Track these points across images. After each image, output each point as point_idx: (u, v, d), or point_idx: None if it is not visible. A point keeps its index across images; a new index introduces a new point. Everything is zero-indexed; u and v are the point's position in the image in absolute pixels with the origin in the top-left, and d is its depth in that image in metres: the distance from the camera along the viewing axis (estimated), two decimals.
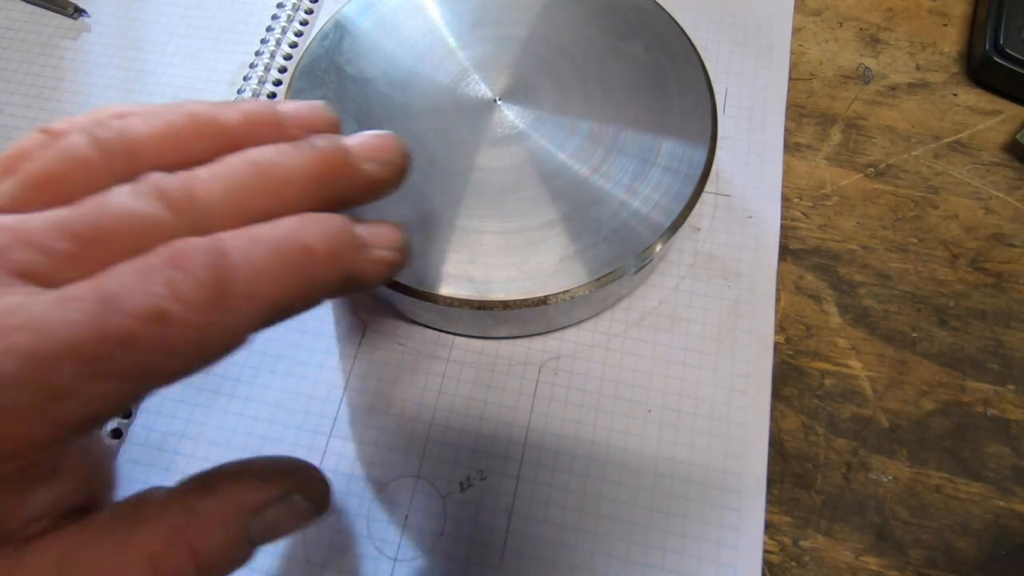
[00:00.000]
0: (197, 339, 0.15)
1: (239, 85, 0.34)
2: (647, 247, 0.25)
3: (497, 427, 0.26)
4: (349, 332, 0.28)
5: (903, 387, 0.27)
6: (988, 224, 0.29)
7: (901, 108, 0.32)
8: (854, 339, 0.28)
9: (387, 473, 0.26)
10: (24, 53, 0.36)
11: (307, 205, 0.18)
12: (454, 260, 0.25)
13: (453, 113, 0.28)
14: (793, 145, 0.32)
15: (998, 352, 0.27)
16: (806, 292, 0.29)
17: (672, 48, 0.29)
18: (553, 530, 0.25)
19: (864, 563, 0.24)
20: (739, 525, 0.24)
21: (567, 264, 0.24)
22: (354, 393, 0.27)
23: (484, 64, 0.29)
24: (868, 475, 0.25)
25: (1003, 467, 0.25)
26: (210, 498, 0.17)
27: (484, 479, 0.25)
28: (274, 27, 0.36)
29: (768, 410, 0.26)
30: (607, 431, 0.26)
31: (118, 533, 0.16)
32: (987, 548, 0.24)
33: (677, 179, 0.26)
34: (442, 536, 0.25)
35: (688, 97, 0.27)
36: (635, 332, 0.28)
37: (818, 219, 0.30)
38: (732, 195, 0.30)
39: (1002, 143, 0.31)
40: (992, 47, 0.32)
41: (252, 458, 0.19)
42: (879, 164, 0.31)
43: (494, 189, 0.26)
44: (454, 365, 0.27)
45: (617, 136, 0.27)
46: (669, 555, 0.24)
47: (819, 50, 0.34)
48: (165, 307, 0.14)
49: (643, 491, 0.25)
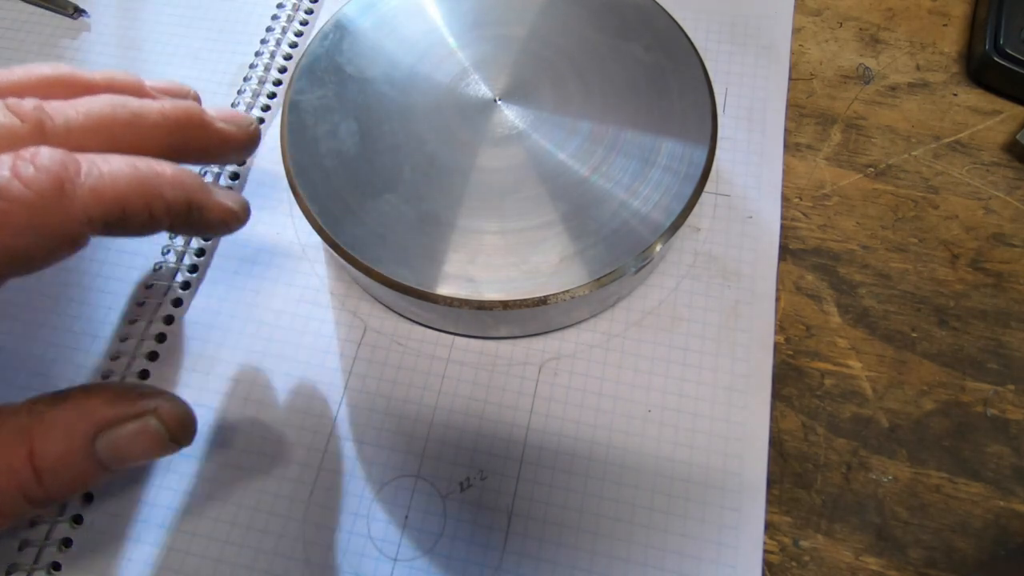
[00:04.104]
0: (35, 219, 0.16)
1: (239, 85, 0.34)
2: (647, 247, 0.25)
3: (497, 427, 0.26)
4: (349, 332, 0.28)
5: (903, 387, 0.27)
6: (988, 224, 0.29)
7: (901, 108, 0.32)
8: (854, 339, 0.28)
9: (387, 473, 0.26)
10: (24, 53, 0.36)
11: (162, 146, 0.20)
12: (454, 260, 0.25)
13: (453, 113, 0.28)
14: (793, 145, 0.32)
15: (998, 352, 0.27)
16: (806, 292, 0.29)
17: (672, 48, 0.29)
18: (553, 530, 0.25)
19: (864, 563, 0.24)
20: (739, 525, 0.24)
21: (567, 264, 0.24)
22: (354, 393, 0.27)
23: (484, 64, 0.29)
24: (868, 475, 0.25)
25: (1003, 467, 0.25)
26: (60, 407, 0.18)
27: (484, 479, 0.25)
28: (274, 27, 0.36)
29: (768, 410, 0.26)
30: (607, 431, 0.26)
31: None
32: (987, 548, 0.24)
33: (677, 179, 0.26)
34: (442, 536, 0.25)
35: (688, 97, 0.27)
36: (635, 332, 0.28)
37: (818, 219, 0.30)
38: (732, 195, 0.30)
39: (1002, 143, 0.31)
40: (992, 47, 0.32)
41: (115, 381, 0.20)
42: (879, 164, 0.31)
43: (494, 189, 0.26)
44: (454, 365, 0.27)
45: (617, 136, 0.27)
46: (669, 555, 0.24)
47: (819, 50, 0.34)
48: (5, 184, 0.16)
49: (643, 491, 0.25)
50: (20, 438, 0.17)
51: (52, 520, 0.25)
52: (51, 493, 0.17)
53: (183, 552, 0.24)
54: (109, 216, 0.17)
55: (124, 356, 0.28)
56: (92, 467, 0.18)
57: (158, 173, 0.19)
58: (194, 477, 0.26)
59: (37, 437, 0.17)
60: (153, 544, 0.25)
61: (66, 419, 0.18)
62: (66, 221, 0.17)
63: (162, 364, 0.28)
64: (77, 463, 0.18)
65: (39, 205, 0.16)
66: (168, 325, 0.28)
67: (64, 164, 0.17)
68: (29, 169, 0.16)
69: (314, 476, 0.26)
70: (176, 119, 0.21)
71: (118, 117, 0.19)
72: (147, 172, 0.18)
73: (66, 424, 0.18)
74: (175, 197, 0.19)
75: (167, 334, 0.28)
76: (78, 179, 0.17)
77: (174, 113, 0.21)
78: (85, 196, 0.17)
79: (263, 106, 0.33)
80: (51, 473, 0.17)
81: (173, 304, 0.29)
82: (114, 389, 0.19)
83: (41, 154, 0.17)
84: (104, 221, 0.17)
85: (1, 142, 0.17)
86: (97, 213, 0.17)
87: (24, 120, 0.18)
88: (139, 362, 0.27)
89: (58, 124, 0.18)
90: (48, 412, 0.18)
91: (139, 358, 0.28)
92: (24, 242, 0.16)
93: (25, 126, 0.18)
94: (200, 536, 0.25)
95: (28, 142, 0.17)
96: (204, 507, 0.25)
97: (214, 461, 0.26)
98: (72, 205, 0.17)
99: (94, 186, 0.17)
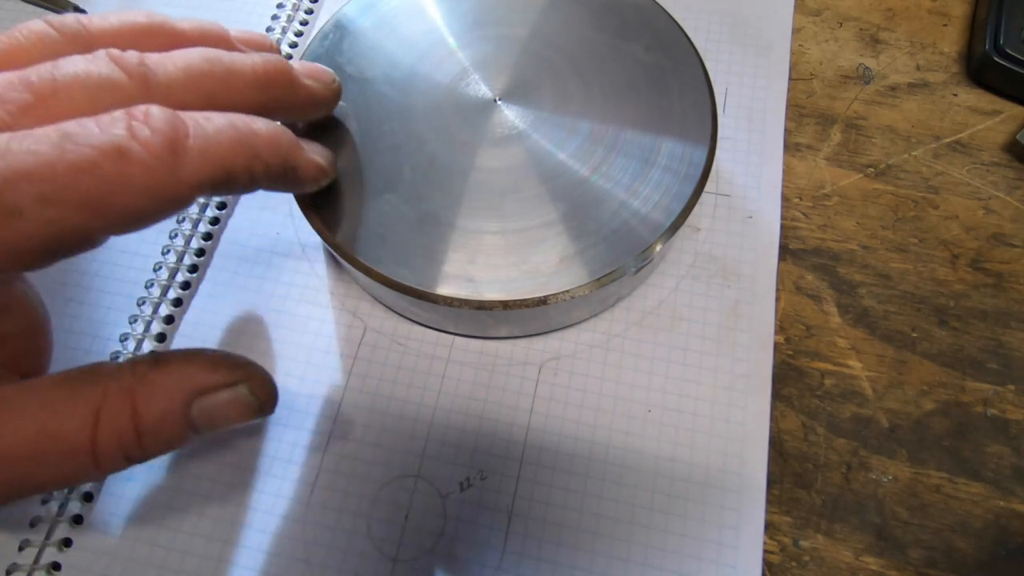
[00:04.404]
0: (151, 182, 0.16)
1: None
2: (647, 247, 0.25)
3: (497, 427, 0.26)
4: (349, 332, 0.28)
5: (903, 387, 0.27)
6: (988, 224, 0.29)
7: (901, 108, 0.32)
8: (854, 339, 0.28)
9: (387, 473, 0.26)
10: None
11: (254, 103, 0.20)
12: (454, 260, 0.25)
13: (453, 113, 0.28)
14: (793, 145, 0.32)
15: (998, 352, 0.27)
16: (806, 292, 0.29)
17: (672, 48, 0.29)
18: (553, 530, 0.25)
19: (864, 563, 0.24)
20: (739, 525, 0.24)
21: (567, 264, 0.24)
22: (354, 393, 0.27)
23: (484, 64, 0.29)
24: (868, 475, 0.25)
25: (1003, 467, 0.25)
26: (162, 369, 0.18)
27: (484, 479, 0.25)
28: (274, 27, 0.36)
29: (768, 410, 0.26)
30: (607, 431, 0.26)
31: (63, 389, 0.17)
32: (987, 548, 0.24)
33: (677, 179, 0.26)
34: (442, 536, 0.25)
35: (688, 97, 0.27)
36: (635, 332, 0.28)
37: (818, 219, 0.30)
38: (732, 195, 0.30)
39: (1002, 143, 0.31)
40: (992, 47, 0.32)
41: (206, 348, 0.20)
42: (879, 164, 0.31)
43: (494, 189, 0.26)
44: (454, 365, 0.27)
45: (617, 136, 0.27)
46: (669, 555, 0.24)
47: (819, 50, 0.34)
48: (125, 145, 0.15)
49: (643, 491, 0.25)
50: (125, 397, 0.17)
51: (52, 520, 0.25)
52: (147, 453, 0.18)
53: (184, 552, 0.24)
54: (216, 179, 0.17)
55: (124, 356, 0.28)
56: (185, 430, 0.18)
57: (255, 132, 0.18)
58: (195, 477, 0.26)
59: (141, 399, 0.17)
60: (154, 544, 0.25)
61: (167, 382, 0.18)
62: (178, 184, 0.17)
63: None
64: (174, 425, 0.18)
65: (155, 167, 0.16)
66: (168, 325, 0.28)
67: (174, 126, 0.16)
68: (144, 131, 0.16)
69: (314, 476, 0.26)
70: (267, 75, 0.20)
71: (214, 73, 0.19)
72: (246, 132, 0.18)
73: (166, 387, 0.18)
74: (272, 157, 0.19)
75: (167, 334, 0.28)
76: (187, 141, 0.17)
77: (264, 69, 0.20)
78: (195, 159, 0.17)
79: None
80: (150, 434, 0.17)
81: (173, 304, 0.29)
82: (210, 356, 0.19)
83: (153, 115, 0.16)
84: (212, 183, 0.17)
85: (107, 96, 0.17)
86: (206, 176, 0.17)
87: (130, 76, 0.17)
88: None
89: (160, 80, 0.18)
90: (149, 373, 0.18)
91: None
92: (140, 203, 0.16)
93: (132, 82, 0.17)
94: (201, 536, 0.25)
95: (134, 98, 0.17)
96: (205, 507, 0.25)
97: (215, 461, 0.26)
98: (183, 168, 0.16)
99: (202, 149, 0.17)
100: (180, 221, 0.30)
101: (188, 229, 0.30)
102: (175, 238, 0.30)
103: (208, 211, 0.31)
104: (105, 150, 0.15)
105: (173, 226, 0.30)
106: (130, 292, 0.29)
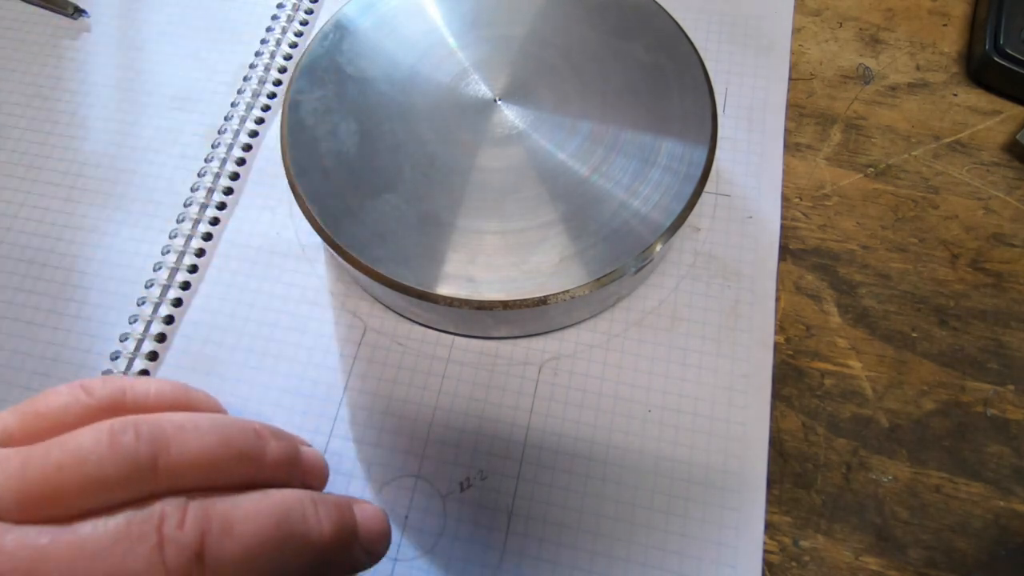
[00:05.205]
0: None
1: (239, 85, 0.34)
2: (647, 247, 0.25)
3: (497, 427, 0.26)
4: (349, 332, 0.28)
5: (903, 387, 0.27)
6: (988, 224, 0.29)
7: (901, 108, 0.32)
8: (854, 339, 0.28)
9: (387, 473, 0.26)
10: (24, 53, 0.36)
11: (312, 556, 0.19)
12: (454, 260, 0.25)
13: (453, 113, 0.28)
14: (793, 145, 0.32)
15: (998, 352, 0.27)
16: (806, 292, 0.29)
17: (672, 48, 0.29)
18: (553, 530, 0.25)
19: (864, 563, 0.24)
20: (739, 525, 0.24)
21: (567, 264, 0.24)
22: (354, 393, 0.27)
23: (484, 64, 0.29)
24: (868, 475, 0.25)
25: (1003, 467, 0.25)
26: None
27: (484, 479, 0.25)
28: (274, 27, 0.36)
29: (768, 410, 0.26)
30: (607, 431, 0.26)
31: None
32: (987, 548, 0.24)
33: (677, 179, 0.26)
34: (442, 536, 0.25)
35: (688, 97, 0.27)
36: (635, 332, 0.28)
37: (818, 219, 0.30)
38: (732, 195, 0.30)
39: (1002, 143, 0.31)
40: (992, 47, 0.32)
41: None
42: (879, 164, 0.31)
43: (494, 189, 0.26)
44: (454, 365, 0.27)
45: (617, 136, 0.27)
46: (669, 555, 0.24)
47: (819, 50, 0.34)
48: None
49: (643, 491, 0.25)
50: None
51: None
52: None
53: None
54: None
55: (124, 356, 0.28)
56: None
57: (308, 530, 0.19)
58: None
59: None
60: None
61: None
62: None
63: (162, 364, 0.28)
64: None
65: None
66: (168, 325, 0.28)
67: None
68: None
69: None
70: (336, 541, 0.20)
71: (287, 530, 0.19)
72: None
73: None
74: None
75: (167, 334, 0.28)
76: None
77: (336, 535, 0.20)
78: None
79: (263, 106, 0.33)
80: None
81: (173, 304, 0.29)
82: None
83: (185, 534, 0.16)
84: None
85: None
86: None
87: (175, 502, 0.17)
88: (139, 362, 0.28)
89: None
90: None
91: (139, 358, 0.28)
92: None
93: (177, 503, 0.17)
94: None
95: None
96: None
97: None
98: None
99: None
100: (180, 221, 0.30)
101: (188, 229, 0.30)
102: (175, 238, 0.30)
103: (208, 211, 0.31)
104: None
105: (173, 226, 0.30)
106: (130, 292, 0.29)
